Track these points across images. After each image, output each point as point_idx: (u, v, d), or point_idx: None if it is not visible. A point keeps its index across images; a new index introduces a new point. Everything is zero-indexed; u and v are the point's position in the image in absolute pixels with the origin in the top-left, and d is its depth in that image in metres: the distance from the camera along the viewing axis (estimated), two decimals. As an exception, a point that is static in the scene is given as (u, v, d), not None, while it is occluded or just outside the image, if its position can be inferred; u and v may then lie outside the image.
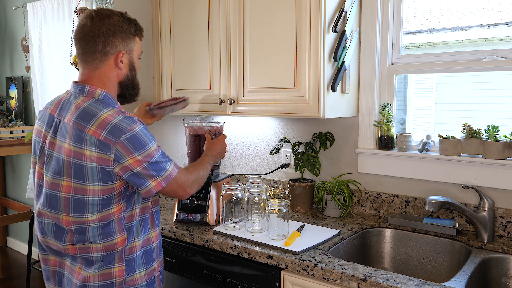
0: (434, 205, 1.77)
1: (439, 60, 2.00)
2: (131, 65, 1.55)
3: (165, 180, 1.49)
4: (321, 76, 1.87)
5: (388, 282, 1.40)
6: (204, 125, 2.07)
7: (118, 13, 1.51)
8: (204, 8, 2.23)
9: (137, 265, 1.54)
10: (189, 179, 1.60)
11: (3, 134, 3.94)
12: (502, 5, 2.10)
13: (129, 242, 1.51)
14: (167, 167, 1.51)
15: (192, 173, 1.64)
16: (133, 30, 1.52)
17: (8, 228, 4.76)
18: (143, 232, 1.56)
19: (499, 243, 1.75)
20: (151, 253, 1.60)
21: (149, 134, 1.47)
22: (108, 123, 1.40)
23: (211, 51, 2.23)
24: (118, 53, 1.49)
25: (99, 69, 1.50)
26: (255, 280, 1.73)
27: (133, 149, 1.41)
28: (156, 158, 1.47)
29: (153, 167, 1.46)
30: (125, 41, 1.50)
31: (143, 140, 1.43)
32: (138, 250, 1.54)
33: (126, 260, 1.51)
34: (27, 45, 4.13)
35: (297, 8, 1.90)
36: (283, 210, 1.76)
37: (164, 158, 1.51)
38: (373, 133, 2.14)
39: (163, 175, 1.49)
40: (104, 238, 1.47)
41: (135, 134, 1.41)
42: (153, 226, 1.61)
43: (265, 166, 2.55)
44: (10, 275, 4.03)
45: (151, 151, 1.45)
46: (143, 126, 1.46)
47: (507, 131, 1.81)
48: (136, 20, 1.56)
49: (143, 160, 1.43)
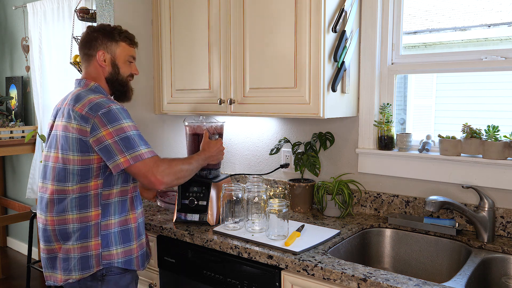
0: (434, 205, 1.77)
1: (439, 60, 2.00)
2: (113, 63, 1.79)
3: (134, 159, 1.61)
4: (321, 76, 1.87)
5: (388, 282, 1.40)
6: (203, 124, 2.09)
7: (107, 26, 1.82)
8: (204, 8, 2.23)
9: (113, 242, 1.70)
10: (164, 168, 1.65)
11: (3, 134, 3.94)
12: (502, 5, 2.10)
13: (104, 218, 1.69)
14: (140, 148, 1.63)
15: (172, 164, 1.70)
16: (116, 37, 1.79)
17: (8, 228, 4.76)
18: (120, 212, 1.73)
19: (499, 243, 1.75)
20: (128, 233, 1.75)
21: (125, 114, 1.66)
22: (91, 101, 1.66)
23: (211, 51, 2.23)
24: (98, 53, 1.77)
25: (89, 67, 1.81)
26: (255, 280, 1.73)
27: (107, 122, 1.61)
28: (128, 134, 1.62)
29: (124, 143, 1.61)
30: (106, 44, 1.77)
31: (118, 116, 1.63)
32: (114, 227, 1.71)
33: (102, 235, 1.68)
34: (27, 45, 4.14)
35: (297, 8, 1.90)
36: (283, 210, 1.76)
37: (141, 140, 1.65)
38: (373, 133, 2.14)
39: (133, 153, 1.61)
40: (80, 210, 1.67)
41: (111, 110, 1.63)
42: (132, 209, 1.77)
43: (265, 166, 2.55)
44: (10, 275, 4.03)
45: (124, 126, 1.62)
46: (121, 107, 1.66)
47: (507, 131, 1.81)
48: (126, 32, 1.82)
49: (115, 134, 1.60)
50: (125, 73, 1.83)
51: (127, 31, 1.85)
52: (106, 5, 2.33)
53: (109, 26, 1.83)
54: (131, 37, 1.84)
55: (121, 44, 1.80)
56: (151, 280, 2.13)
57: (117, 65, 1.80)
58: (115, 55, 1.79)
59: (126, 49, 1.82)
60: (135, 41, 1.86)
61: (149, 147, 1.66)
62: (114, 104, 1.66)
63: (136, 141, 1.63)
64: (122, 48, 1.81)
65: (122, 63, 1.81)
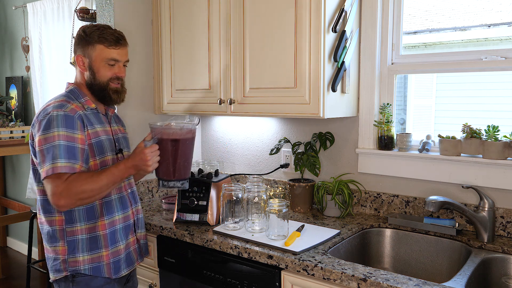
0: (434, 205, 1.77)
1: (439, 60, 2.00)
2: (90, 67, 1.71)
3: (48, 171, 1.53)
4: (321, 76, 1.87)
5: (388, 282, 1.40)
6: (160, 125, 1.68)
7: (90, 27, 1.72)
8: (204, 8, 2.23)
9: (80, 249, 1.67)
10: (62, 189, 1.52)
11: (3, 134, 3.94)
12: (502, 5, 2.10)
13: (69, 225, 1.66)
14: (58, 160, 1.53)
15: (71, 185, 1.53)
16: (94, 39, 1.68)
17: (8, 228, 4.76)
18: (87, 219, 1.67)
19: (499, 243, 1.75)
20: (96, 240, 1.69)
21: (63, 123, 1.57)
22: (44, 108, 1.64)
23: (211, 51, 2.23)
24: (77, 57, 1.73)
25: (76, 72, 1.78)
26: (255, 280, 1.73)
27: (41, 128, 1.57)
28: (54, 144, 1.54)
29: (47, 152, 1.54)
30: (83, 47, 1.71)
31: (52, 124, 1.56)
32: (80, 234, 1.67)
33: (68, 241, 1.66)
34: (27, 45, 4.13)
35: (297, 8, 1.90)
36: (283, 210, 1.76)
37: (66, 152, 1.54)
38: (373, 133, 2.14)
39: (49, 165, 1.53)
40: (46, 213, 1.68)
41: (50, 117, 1.58)
42: (101, 216, 1.70)
43: (265, 166, 2.55)
44: (10, 275, 4.03)
45: (53, 135, 1.55)
46: (63, 115, 1.59)
47: (507, 131, 1.81)
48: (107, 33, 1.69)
49: (43, 142, 1.55)
50: (103, 77, 1.71)
51: (109, 31, 1.71)
52: (106, 5, 2.33)
53: (91, 28, 1.71)
54: (110, 38, 1.69)
55: (98, 46, 1.69)
56: (151, 280, 2.13)
57: (93, 68, 1.70)
58: (92, 58, 1.70)
59: (103, 51, 1.69)
60: (118, 42, 1.71)
61: (70, 162, 1.54)
62: (57, 110, 1.59)
63: (57, 152, 1.53)
64: (99, 51, 1.69)
65: (99, 67, 1.70)
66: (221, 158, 2.73)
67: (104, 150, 1.71)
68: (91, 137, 1.66)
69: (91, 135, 1.67)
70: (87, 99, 1.73)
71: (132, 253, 1.82)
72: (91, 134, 1.67)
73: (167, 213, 2.22)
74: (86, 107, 1.71)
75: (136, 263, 1.85)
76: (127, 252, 1.79)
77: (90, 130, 1.67)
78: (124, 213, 1.78)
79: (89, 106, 1.72)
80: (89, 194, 1.56)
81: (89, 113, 1.71)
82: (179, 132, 1.67)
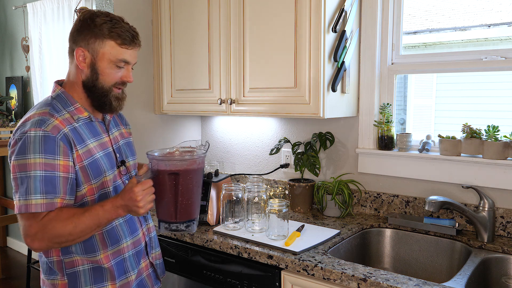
0: (434, 205, 1.77)
1: (439, 60, 2.00)
2: (93, 66, 1.39)
3: (20, 208, 1.28)
4: (321, 76, 1.87)
5: (388, 282, 1.39)
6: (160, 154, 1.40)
7: (100, 14, 1.40)
8: (204, 8, 2.23)
9: (83, 282, 1.40)
10: (37, 231, 1.28)
11: (3, 134, 3.94)
12: (502, 5, 2.10)
13: (66, 255, 1.39)
14: (32, 196, 1.27)
15: (47, 228, 1.28)
16: (105, 32, 1.37)
17: (8, 228, 4.76)
18: (85, 252, 1.40)
19: (499, 243, 1.75)
20: (100, 273, 1.42)
21: (41, 147, 1.28)
22: (25, 120, 1.34)
23: (211, 51, 2.23)
24: (77, 49, 1.39)
25: (70, 66, 1.45)
26: (255, 280, 1.73)
27: (16, 152, 1.30)
28: (28, 174, 1.27)
29: (20, 183, 1.28)
30: (88, 40, 1.38)
31: (28, 148, 1.28)
32: (81, 265, 1.40)
33: (68, 274, 1.40)
34: (27, 45, 4.14)
35: (297, 8, 1.90)
36: (283, 210, 1.76)
37: (43, 185, 1.28)
38: (373, 133, 2.14)
39: (22, 201, 1.28)
40: None
41: (26, 138, 1.29)
42: (104, 248, 1.41)
43: (265, 166, 2.55)
44: (10, 275, 4.03)
45: (28, 163, 1.27)
46: (42, 135, 1.29)
47: (507, 131, 1.81)
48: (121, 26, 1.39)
49: (17, 169, 1.29)
50: (108, 80, 1.41)
51: (124, 25, 1.41)
52: (106, 5, 2.33)
53: (101, 17, 1.39)
54: (124, 34, 1.38)
55: (108, 43, 1.37)
56: (151, 280, 2.13)
57: (97, 69, 1.39)
58: (97, 56, 1.38)
59: (114, 50, 1.38)
60: (132, 40, 1.41)
61: (47, 197, 1.28)
62: (36, 130, 1.29)
63: (31, 185, 1.27)
64: (109, 48, 1.38)
65: (104, 68, 1.39)
66: (221, 158, 2.73)
67: (101, 170, 1.41)
68: (82, 159, 1.36)
69: (82, 157, 1.36)
70: (78, 107, 1.41)
71: (146, 280, 1.56)
72: (82, 155, 1.36)
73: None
74: (76, 118, 1.39)
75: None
76: (139, 280, 1.53)
77: (81, 150, 1.36)
78: (134, 238, 1.49)
79: (80, 115, 1.41)
80: (67, 238, 1.29)
81: (80, 124, 1.40)
82: (179, 163, 1.34)
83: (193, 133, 2.79)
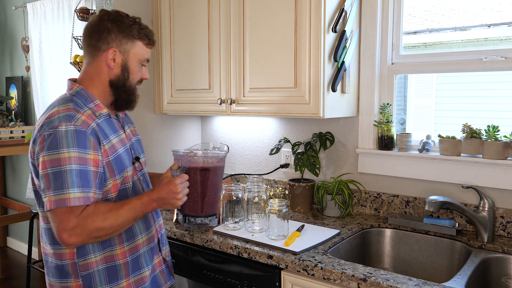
0: (434, 205, 1.77)
1: (439, 60, 2.00)
2: (124, 66, 1.44)
3: (57, 202, 1.25)
4: (321, 76, 1.87)
5: (388, 282, 1.39)
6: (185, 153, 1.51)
7: (125, 15, 1.46)
8: (204, 8, 2.23)
9: (97, 282, 1.40)
10: (74, 225, 1.26)
11: (3, 134, 3.94)
12: (502, 5, 2.09)
13: (81, 258, 1.38)
14: (69, 190, 1.25)
15: (87, 222, 1.28)
16: (135, 33, 1.44)
17: (8, 228, 4.76)
18: (102, 248, 1.40)
19: (499, 243, 1.75)
20: (115, 270, 1.42)
21: (74, 141, 1.28)
22: (48, 117, 1.34)
23: (211, 51, 2.23)
24: (108, 50, 1.42)
25: (91, 64, 1.45)
26: (255, 280, 1.73)
27: (46, 147, 1.28)
28: (63, 169, 1.26)
29: (54, 178, 1.26)
30: (120, 40, 1.42)
31: (60, 142, 1.27)
32: (95, 266, 1.39)
33: (82, 276, 1.39)
34: (27, 45, 4.14)
35: (297, 8, 1.90)
36: (283, 210, 1.76)
37: (79, 180, 1.27)
38: (373, 133, 2.14)
39: (57, 195, 1.25)
40: (53, 244, 1.39)
41: (57, 133, 1.28)
42: (120, 243, 1.43)
43: (265, 166, 2.55)
44: (10, 275, 4.03)
45: (62, 157, 1.26)
46: (74, 130, 1.29)
47: (507, 131, 1.81)
48: (146, 28, 1.48)
49: (48, 164, 1.26)
50: (135, 79, 1.49)
51: (147, 26, 1.49)
52: (106, 5, 2.33)
53: (128, 18, 1.45)
54: (150, 35, 1.49)
55: (138, 43, 1.45)
56: (151, 280, 2.13)
57: (128, 69, 1.45)
58: (129, 56, 1.44)
59: (142, 49, 1.47)
60: (153, 40, 1.51)
61: (84, 191, 1.28)
62: (67, 124, 1.30)
63: (68, 179, 1.25)
64: (138, 49, 1.46)
65: (134, 67, 1.47)
66: (221, 158, 2.73)
67: (124, 166, 1.43)
68: (108, 154, 1.38)
69: (108, 152, 1.38)
70: (98, 103, 1.42)
71: (159, 276, 1.57)
72: (108, 150, 1.38)
73: (167, 213, 2.22)
74: (98, 114, 1.41)
75: (163, 286, 1.60)
76: (153, 276, 1.54)
77: (107, 145, 1.38)
78: (148, 234, 1.52)
79: (101, 112, 1.43)
80: (107, 231, 1.31)
81: (101, 121, 1.41)
82: (210, 160, 1.45)
83: (193, 133, 2.79)
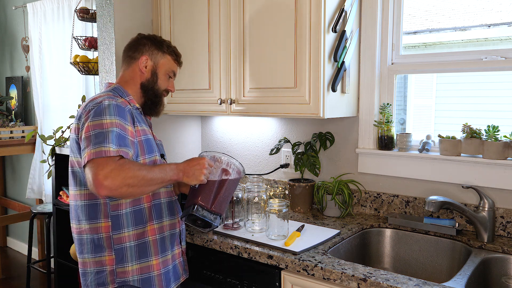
0: (434, 205, 1.77)
1: (439, 60, 2.00)
2: (154, 71, 1.72)
3: (96, 153, 1.36)
4: (321, 76, 1.87)
5: (388, 282, 1.40)
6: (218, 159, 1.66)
7: (158, 37, 1.79)
8: (204, 8, 2.23)
9: (128, 257, 1.54)
10: (112, 168, 1.34)
11: (3, 134, 3.94)
12: (502, 5, 2.10)
13: (115, 231, 1.53)
14: (111, 145, 1.38)
15: (124, 167, 1.37)
16: (165, 48, 1.75)
17: (8, 228, 4.76)
18: (135, 224, 1.55)
19: (499, 243, 1.75)
20: (145, 247, 1.57)
21: (114, 111, 1.48)
22: (93, 99, 1.55)
23: (211, 51, 2.23)
24: (141, 57, 1.70)
25: (126, 70, 1.73)
26: (255, 280, 1.73)
27: (91, 116, 1.46)
28: (104, 130, 1.41)
29: (97, 137, 1.40)
30: (152, 51, 1.72)
31: (104, 111, 1.46)
32: (128, 241, 1.54)
33: (116, 250, 1.53)
34: (27, 45, 4.14)
35: (297, 8, 1.90)
36: (283, 210, 1.76)
37: (117, 139, 1.41)
38: (373, 133, 2.14)
39: (98, 148, 1.37)
40: (90, 220, 1.54)
41: (101, 105, 1.49)
42: (150, 220, 1.58)
43: (265, 166, 2.55)
44: (10, 275, 4.03)
45: (104, 122, 1.44)
46: (115, 104, 1.50)
47: (507, 131, 1.81)
48: (174, 48, 1.80)
49: (91, 128, 1.43)
50: (162, 85, 1.74)
51: (176, 47, 1.82)
52: (106, 5, 2.33)
53: (160, 38, 1.79)
54: (178, 53, 1.81)
55: (167, 56, 1.75)
56: (151, 280, 2.13)
57: (157, 74, 1.72)
58: (158, 65, 1.73)
59: (170, 62, 1.76)
60: (180, 60, 1.82)
61: (121, 147, 1.41)
62: (109, 99, 1.51)
63: (109, 137, 1.40)
64: (167, 60, 1.75)
65: (162, 75, 1.74)
66: (221, 158, 2.73)
67: (153, 149, 1.62)
68: (140, 134, 1.58)
69: (140, 132, 1.58)
70: (132, 98, 1.68)
71: (178, 266, 1.70)
72: (140, 131, 1.58)
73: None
74: (132, 105, 1.63)
75: (181, 278, 1.72)
76: (174, 264, 1.68)
77: (139, 127, 1.59)
78: (171, 220, 1.67)
79: (134, 105, 1.67)
80: (139, 182, 1.38)
81: (135, 111, 1.63)
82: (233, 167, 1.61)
83: (193, 133, 2.79)
